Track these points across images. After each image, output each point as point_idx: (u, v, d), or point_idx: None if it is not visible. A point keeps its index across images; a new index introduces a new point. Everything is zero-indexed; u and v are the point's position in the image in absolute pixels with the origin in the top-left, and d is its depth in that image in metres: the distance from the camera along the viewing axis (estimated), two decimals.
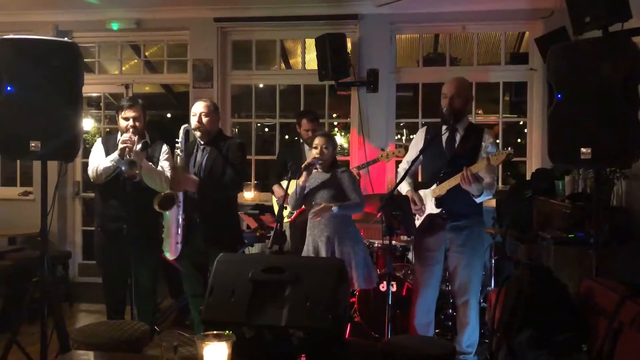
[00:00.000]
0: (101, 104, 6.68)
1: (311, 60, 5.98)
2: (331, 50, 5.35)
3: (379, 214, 4.28)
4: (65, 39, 4.53)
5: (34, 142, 3.00)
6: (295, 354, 2.11)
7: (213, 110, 3.88)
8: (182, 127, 3.78)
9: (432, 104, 5.87)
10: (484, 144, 3.56)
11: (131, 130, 3.72)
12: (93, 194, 4.52)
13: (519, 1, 5.38)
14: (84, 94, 3.23)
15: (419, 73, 5.99)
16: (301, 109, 5.71)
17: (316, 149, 3.84)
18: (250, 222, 5.10)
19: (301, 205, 3.97)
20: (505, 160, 3.35)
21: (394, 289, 4.17)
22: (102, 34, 6.22)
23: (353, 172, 4.36)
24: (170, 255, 3.78)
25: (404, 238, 4.87)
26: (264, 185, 5.94)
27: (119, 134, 3.84)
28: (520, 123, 6.46)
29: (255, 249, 5.23)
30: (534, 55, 5.54)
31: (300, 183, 3.78)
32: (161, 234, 4.09)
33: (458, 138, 3.63)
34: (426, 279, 3.68)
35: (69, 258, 5.92)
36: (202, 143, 3.86)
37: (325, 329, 2.04)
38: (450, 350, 2.83)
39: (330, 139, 3.90)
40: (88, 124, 7.80)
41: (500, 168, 4.68)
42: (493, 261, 4.73)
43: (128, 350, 2.63)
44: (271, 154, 6.13)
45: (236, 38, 6.14)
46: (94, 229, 4.08)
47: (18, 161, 6.12)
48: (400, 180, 3.66)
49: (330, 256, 3.73)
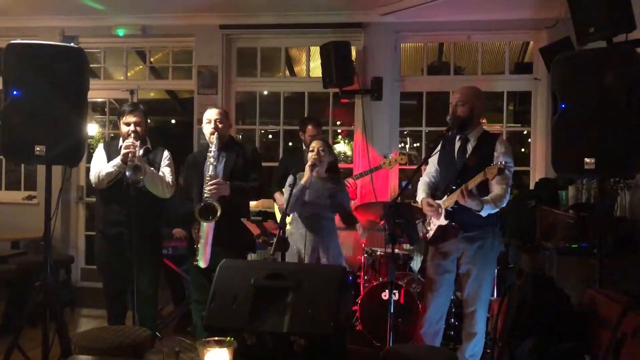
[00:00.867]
0: (106, 110, 6.72)
1: (316, 68, 6.00)
2: (336, 58, 5.37)
3: (382, 222, 4.29)
4: (72, 44, 4.55)
5: (39, 147, 3.02)
6: None
7: (225, 117, 3.91)
8: (215, 135, 3.75)
9: (436, 112, 5.90)
10: (496, 153, 3.43)
11: (132, 135, 3.74)
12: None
13: (523, 11, 5.38)
14: (89, 99, 3.25)
15: (423, 82, 6.01)
16: (305, 116, 5.72)
17: (312, 151, 3.84)
18: (253, 229, 5.08)
19: (299, 210, 3.95)
20: (497, 174, 3.22)
21: (396, 297, 4.17)
22: (108, 39, 6.26)
23: (349, 182, 4.49)
24: (203, 264, 3.73)
25: (407, 246, 4.87)
26: (268, 192, 5.94)
27: (121, 139, 3.86)
28: (524, 132, 6.46)
29: (257, 256, 5.22)
30: (538, 65, 5.55)
31: (302, 182, 3.77)
32: (161, 239, 4.12)
33: (470, 148, 3.54)
34: (438, 288, 3.62)
35: (71, 263, 5.93)
36: (215, 150, 3.83)
37: (327, 336, 2.03)
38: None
39: (326, 144, 3.92)
40: (93, 129, 7.82)
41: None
42: (496, 270, 4.71)
43: (129, 356, 2.62)
44: (275, 160, 6.14)
45: (241, 45, 6.16)
46: (94, 233, 4.09)
47: (22, 165, 6.16)
48: (403, 188, 3.66)
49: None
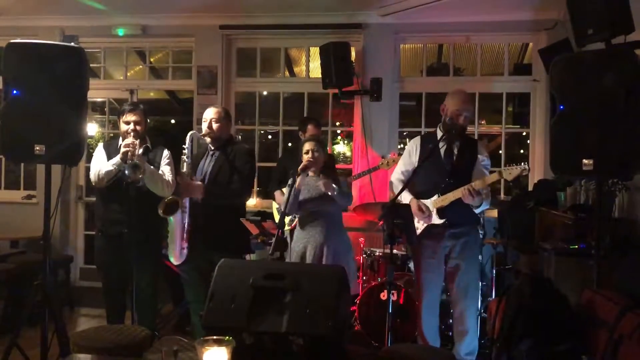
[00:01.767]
0: (106, 109, 6.72)
1: (315, 69, 6.01)
2: (335, 59, 5.38)
3: (381, 222, 4.29)
4: (72, 44, 4.55)
5: (39, 146, 3.02)
6: None
7: (224, 117, 3.90)
8: (189, 134, 3.81)
9: (435, 113, 5.85)
10: (480, 157, 3.72)
11: (132, 134, 3.74)
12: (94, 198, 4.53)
13: (522, 13, 5.39)
14: (88, 99, 3.25)
15: (422, 83, 6.02)
16: (305, 116, 5.72)
17: (307, 154, 3.84)
18: (252, 229, 5.09)
19: (297, 210, 3.95)
20: (520, 175, 3.51)
21: (394, 297, 4.17)
22: (108, 39, 6.27)
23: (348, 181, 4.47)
24: (174, 261, 3.79)
25: (405, 247, 4.87)
26: (266, 192, 5.94)
27: (120, 139, 3.86)
28: (523, 134, 6.46)
29: (256, 256, 5.22)
30: (537, 66, 5.56)
31: (296, 186, 3.77)
32: (162, 239, 4.11)
33: (456, 150, 3.75)
34: (427, 285, 3.75)
35: (70, 262, 5.93)
36: (212, 149, 3.89)
37: (325, 336, 2.03)
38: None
39: (319, 143, 3.91)
40: (92, 128, 7.81)
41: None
42: (494, 271, 4.72)
43: (128, 355, 2.63)
44: (274, 161, 6.14)
45: (241, 45, 6.17)
46: (94, 232, 4.09)
47: (22, 165, 6.16)
48: (401, 189, 3.68)
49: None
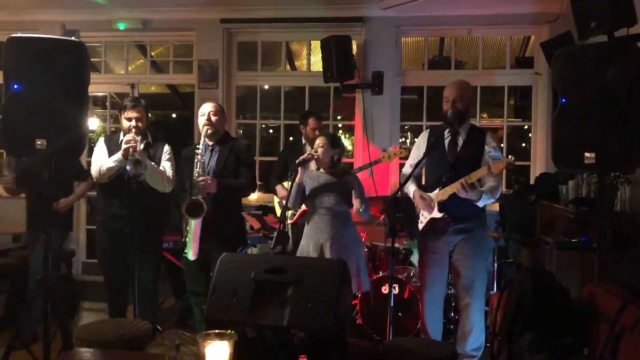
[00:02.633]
0: (107, 104, 6.71)
1: (316, 62, 6.00)
2: (336, 53, 5.36)
3: (382, 216, 4.29)
4: (72, 38, 4.54)
5: (40, 141, 3.02)
6: (296, 354, 2.11)
7: (220, 111, 3.92)
8: (206, 129, 3.82)
9: (437, 107, 5.83)
10: (487, 147, 3.55)
11: (134, 130, 3.75)
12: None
13: (524, 5, 5.37)
14: (89, 93, 3.25)
15: (424, 76, 6.00)
16: (306, 110, 5.71)
17: (313, 147, 3.83)
18: (253, 223, 5.11)
19: (299, 204, 3.93)
20: (504, 169, 3.38)
21: (395, 291, 4.18)
22: (109, 33, 6.25)
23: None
24: (192, 256, 3.78)
25: (406, 241, 4.88)
26: (268, 186, 5.95)
27: (121, 134, 3.87)
28: (525, 127, 6.45)
29: (257, 250, 5.24)
30: (539, 59, 5.54)
31: (297, 180, 3.75)
32: (163, 234, 4.12)
33: (460, 142, 3.62)
34: (432, 281, 3.68)
35: (72, 256, 5.93)
36: (210, 144, 3.88)
37: (327, 329, 2.04)
38: (451, 353, 2.83)
39: (329, 139, 3.83)
40: (93, 123, 7.84)
41: (504, 172, 4.67)
42: (496, 265, 4.73)
43: (130, 349, 2.63)
44: (275, 155, 6.13)
45: (242, 39, 6.15)
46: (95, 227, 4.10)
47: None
48: (404, 182, 3.65)
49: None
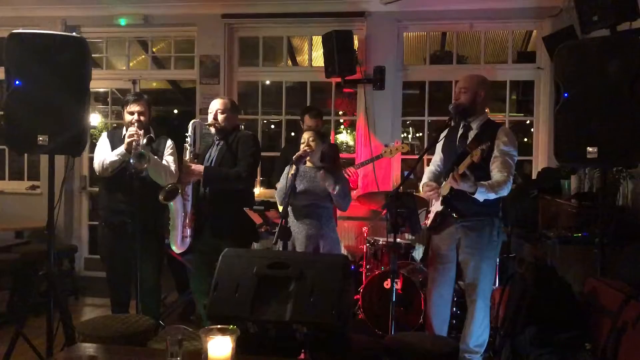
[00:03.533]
0: (108, 99, 6.71)
1: (318, 57, 5.98)
2: (338, 48, 5.35)
3: (384, 212, 4.30)
4: (74, 34, 4.54)
5: (42, 137, 3.02)
6: (298, 350, 2.12)
7: (230, 108, 3.89)
8: (192, 122, 3.82)
9: (439, 101, 5.88)
10: (497, 141, 3.35)
11: (136, 124, 3.75)
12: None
13: (526, 0, 5.36)
14: (91, 89, 3.25)
15: (425, 71, 5.99)
16: (306, 106, 5.71)
17: (303, 143, 3.84)
18: (255, 218, 5.10)
19: (289, 199, 3.95)
20: (480, 155, 3.12)
21: (397, 286, 4.18)
22: (110, 29, 6.25)
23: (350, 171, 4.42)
24: (176, 249, 3.80)
25: (408, 236, 4.88)
26: (270, 182, 5.95)
27: (124, 129, 3.87)
28: (527, 122, 6.44)
29: (259, 245, 5.24)
30: (541, 54, 5.53)
31: (292, 171, 3.76)
32: (166, 229, 4.11)
33: (471, 135, 3.49)
34: (440, 277, 3.60)
35: (75, 252, 5.95)
36: (218, 139, 3.90)
37: (329, 324, 2.05)
38: (453, 348, 2.83)
39: (318, 134, 3.88)
40: (95, 119, 7.84)
41: None
42: (497, 260, 4.72)
43: (133, 344, 2.64)
44: (277, 150, 6.13)
45: (243, 34, 6.15)
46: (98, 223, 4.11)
47: (25, 155, 6.17)
48: (406, 176, 3.65)
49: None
